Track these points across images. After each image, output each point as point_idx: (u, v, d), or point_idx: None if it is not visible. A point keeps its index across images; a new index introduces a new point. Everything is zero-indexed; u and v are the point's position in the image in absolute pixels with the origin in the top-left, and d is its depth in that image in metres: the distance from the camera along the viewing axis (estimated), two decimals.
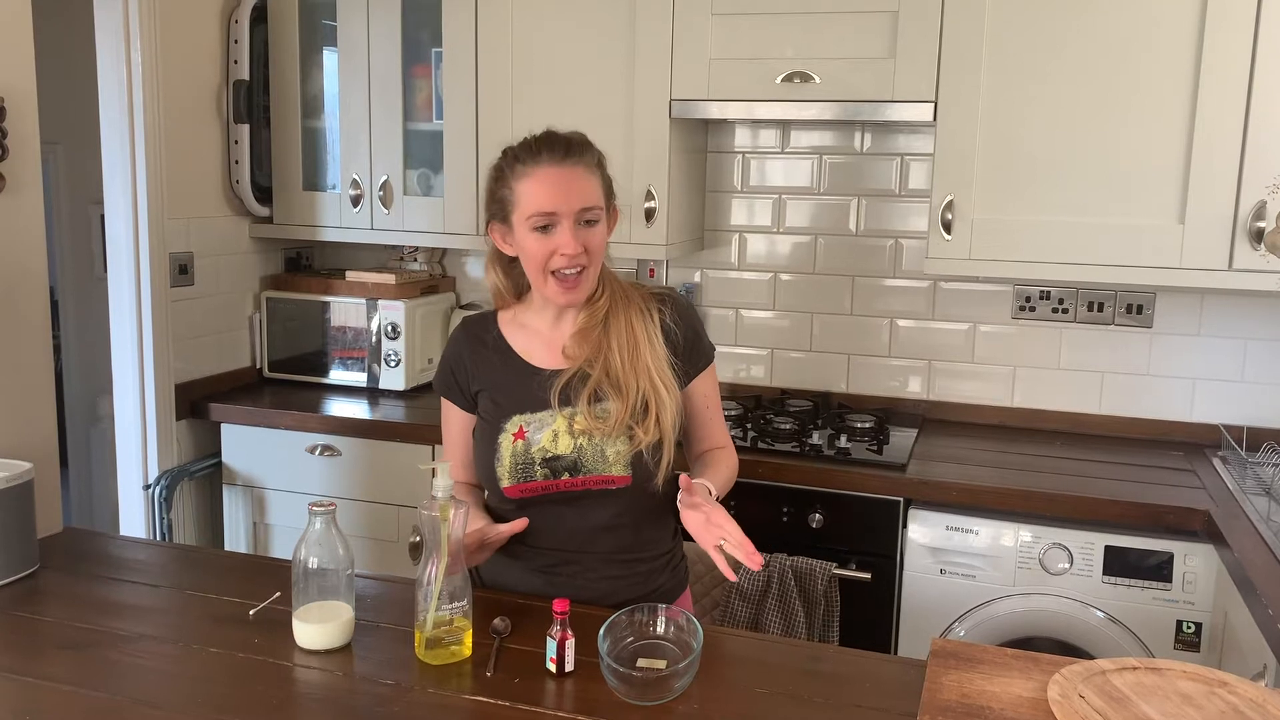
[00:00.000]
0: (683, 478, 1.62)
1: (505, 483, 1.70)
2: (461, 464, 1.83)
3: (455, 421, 1.81)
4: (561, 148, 1.66)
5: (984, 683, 1.40)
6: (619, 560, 1.74)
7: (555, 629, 1.45)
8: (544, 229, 1.64)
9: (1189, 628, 2.24)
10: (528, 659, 1.50)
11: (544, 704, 1.39)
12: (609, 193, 1.73)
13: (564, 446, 1.68)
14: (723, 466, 1.80)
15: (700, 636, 1.43)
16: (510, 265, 1.77)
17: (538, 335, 1.76)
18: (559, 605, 1.45)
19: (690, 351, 1.78)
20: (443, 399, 1.83)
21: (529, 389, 1.72)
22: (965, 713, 1.32)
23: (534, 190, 1.64)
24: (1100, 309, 2.80)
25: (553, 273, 1.66)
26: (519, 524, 1.67)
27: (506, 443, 1.70)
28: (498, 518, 1.79)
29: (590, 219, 1.66)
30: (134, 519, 2.91)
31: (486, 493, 1.82)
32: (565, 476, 1.68)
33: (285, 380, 3.22)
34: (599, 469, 1.68)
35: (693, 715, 1.37)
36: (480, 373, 1.77)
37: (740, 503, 2.42)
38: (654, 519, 1.77)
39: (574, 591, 1.70)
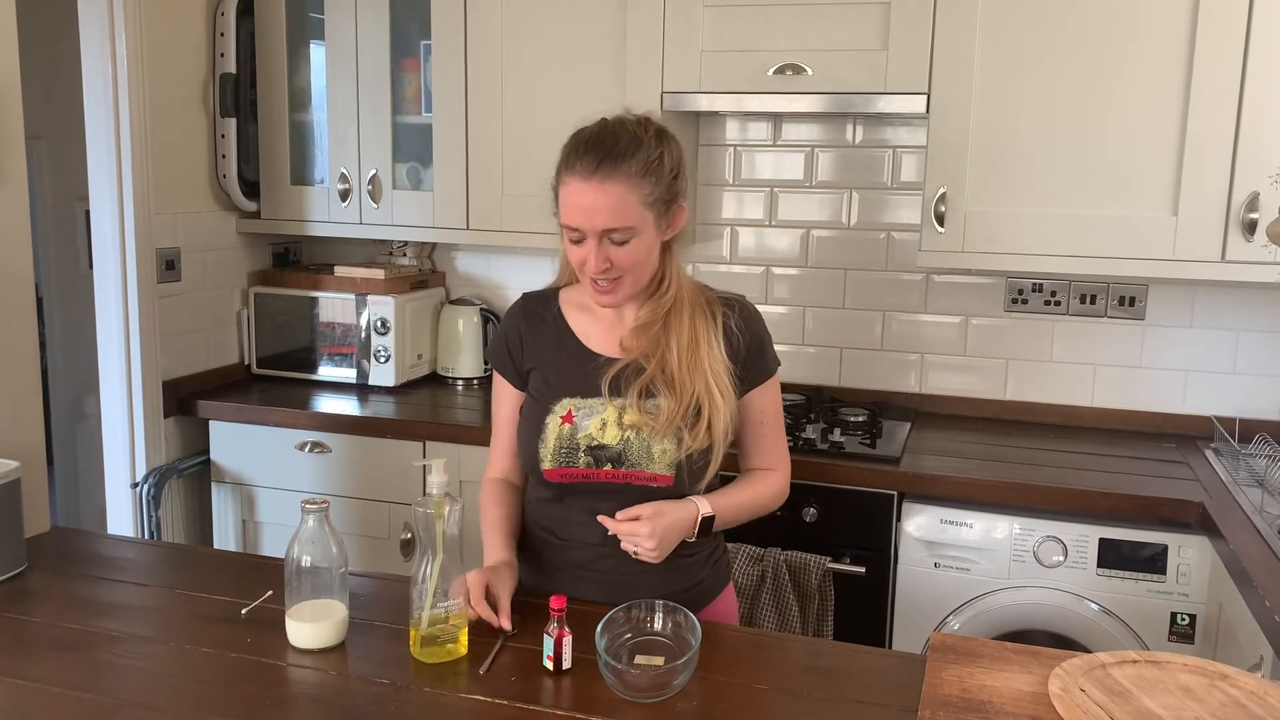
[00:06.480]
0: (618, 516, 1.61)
1: (547, 464, 1.67)
2: (505, 450, 1.80)
3: (506, 398, 1.78)
4: (594, 158, 1.57)
5: (984, 677, 1.39)
6: None
7: (552, 626, 1.44)
8: (576, 241, 1.62)
9: (1184, 620, 2.24)
10: (525, 656, 1.49)
11: (541, 702, 1.38)
12: (663, 197, 1.61)
13: (611, 437, 1.65)
14: (747, 489, 1.77)
15: (699, 633, 1.42)
16: None
17: (598, 320, 1.73)
18: (556, 602, 1.43)
19: (752, 361, 1.73)
20: (495, 373, 1.80)
21: (583, 373, 1.69)
22: (966, 708, 1.32)
23: (564, 202, 1.61)
24: (1093, 301, 2.80)
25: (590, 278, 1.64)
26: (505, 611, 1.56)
27: (553, 424, 1.67)
28: (535, 509, 1.77)
29: (617, 240, 1.59)
30: (122, 518, 2.88)
31: (529, 480, 1.78)
32: (608, 467, 1.65)
33: (274, 377, 3.19)
34: (643, 465, 1.64)
35: (691, 712, 1.36)
36: (535, 349, 1.74)
37: None
38: None
39: (617, 589, 1.64)
